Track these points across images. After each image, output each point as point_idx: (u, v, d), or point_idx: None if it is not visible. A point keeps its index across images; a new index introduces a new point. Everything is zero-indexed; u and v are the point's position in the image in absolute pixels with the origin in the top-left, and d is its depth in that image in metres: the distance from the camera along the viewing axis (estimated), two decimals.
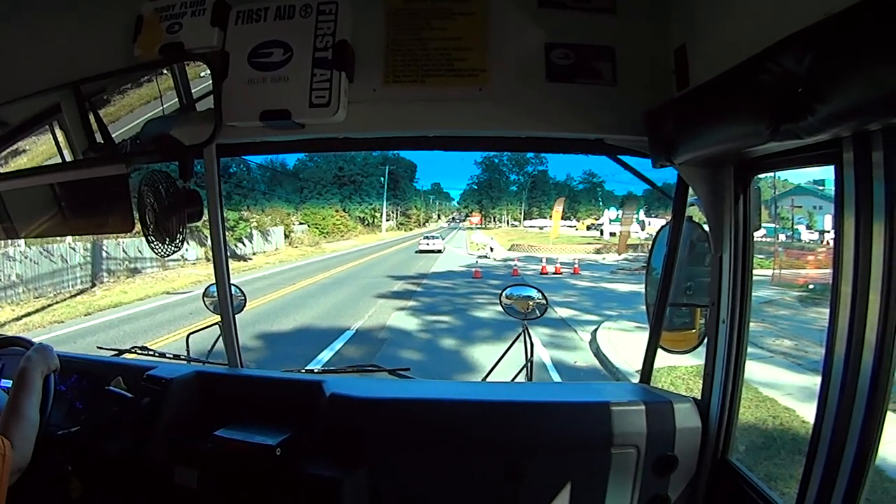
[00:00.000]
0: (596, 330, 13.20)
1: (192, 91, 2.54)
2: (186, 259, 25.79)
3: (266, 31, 2.25)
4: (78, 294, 19.91)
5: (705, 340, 2.49)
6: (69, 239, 19.94)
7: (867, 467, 1.64)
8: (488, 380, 3.20)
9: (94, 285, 21.07)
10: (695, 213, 2.52)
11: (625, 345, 11.01)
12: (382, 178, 57.38)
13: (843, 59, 1.27)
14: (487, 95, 2.34)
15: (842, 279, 1.66)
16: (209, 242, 2.93)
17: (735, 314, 2.29)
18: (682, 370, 8.56)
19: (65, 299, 18.86)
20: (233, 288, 3.09)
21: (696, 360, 2.49)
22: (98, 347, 3.59)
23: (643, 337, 2.85)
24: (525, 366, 3.10)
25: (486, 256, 36.98)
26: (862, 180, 1.58)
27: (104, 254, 22.22)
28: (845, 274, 1.65)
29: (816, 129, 1.38)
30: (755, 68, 1.55)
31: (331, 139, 2.61)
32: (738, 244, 2.27)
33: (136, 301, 18.63)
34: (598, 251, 42.20)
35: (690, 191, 2.44)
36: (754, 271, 2.30)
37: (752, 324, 2.30)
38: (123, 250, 22.92)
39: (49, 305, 17.71)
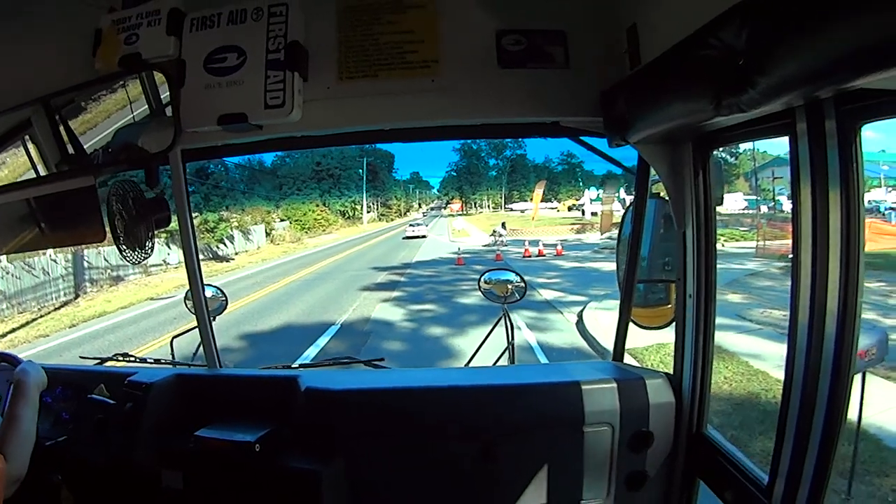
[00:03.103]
0: (582, 311, 13.26)
1: (161, 97, 2.54)
2: (168, 263, 25.61)
3: (220, 36, 2.23)
4: (62, 306, 19.75)
5: None
6: (50, 252, 19.71)
7: (837, 432, 1.68)
8: (470, 365, 3.22)
9: (77, 296, 20.90)
10: (662, 189, 2.54)
11: (612, 324, 10.87)
12: (361, 171, 56.83)
13: (778, 31, 1.27)
14: (441, 86, 2.35)
15: (801, 248, 1.69)
16: None
17: (701, 288, 2.32)
18: (669, 347, 8.52)
19: (49, 312, 18.72)
20: (213, 289, 3.12)
21: None
22: (81, 357, 3.60)
23: None
24: (506, 349, 3.14)
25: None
26: (816, 149, 1.61)
27: (86, 263, 22.04)
28: (804, 243, 1.68)
29: (757, 102, 1.39)
30: (698, 44, 1.56)
31: (290, 138, 2.63)
32: (699, 219, 2.29)
33: (120, 309, 18.53)
34: (578, 231, 42.21)
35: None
36: (739, 244, 2.31)
37: (738, 296, 2.33)
38: (105, 259, 22.71)
39: (33, 320, 17.60)
